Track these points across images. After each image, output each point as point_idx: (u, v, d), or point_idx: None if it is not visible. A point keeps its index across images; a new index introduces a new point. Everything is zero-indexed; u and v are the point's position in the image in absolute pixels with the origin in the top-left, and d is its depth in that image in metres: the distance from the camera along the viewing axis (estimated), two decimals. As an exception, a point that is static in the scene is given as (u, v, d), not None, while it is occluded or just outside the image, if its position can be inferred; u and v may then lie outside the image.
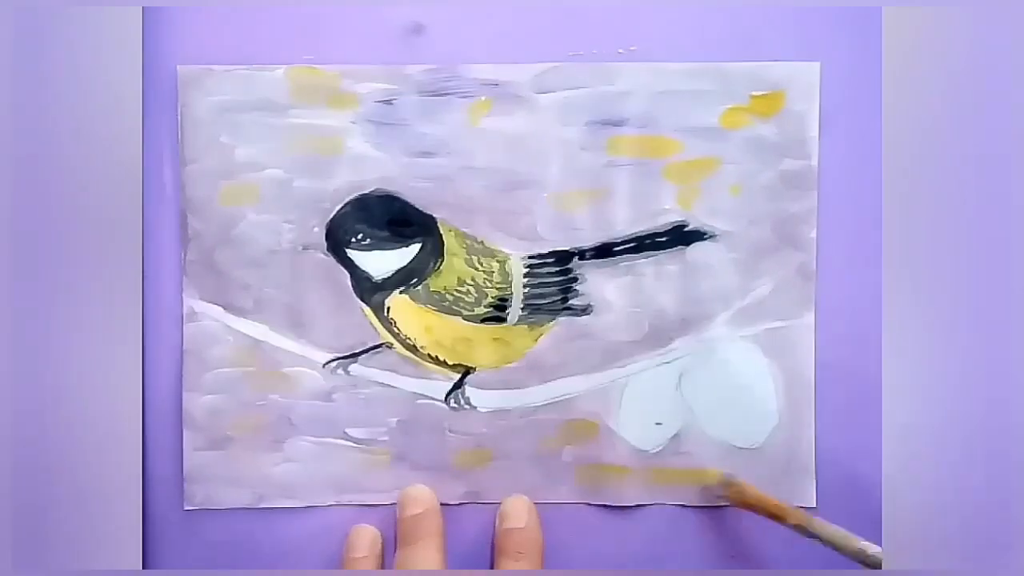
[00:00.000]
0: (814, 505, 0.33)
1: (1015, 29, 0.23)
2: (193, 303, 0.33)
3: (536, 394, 0.33)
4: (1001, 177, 0.24)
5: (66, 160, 0.28)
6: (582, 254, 0.33)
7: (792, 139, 0.33)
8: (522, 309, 0.33)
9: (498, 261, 0.33)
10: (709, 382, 0.33)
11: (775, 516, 0.31)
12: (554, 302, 0.33)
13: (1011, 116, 0.24)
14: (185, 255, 0.33)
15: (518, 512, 0.33)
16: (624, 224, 0.33)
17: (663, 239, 0.33)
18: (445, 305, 0.33)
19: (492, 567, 0.33)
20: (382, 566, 0.33)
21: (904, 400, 0.24)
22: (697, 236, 0.33)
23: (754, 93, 0.33)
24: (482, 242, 0.33)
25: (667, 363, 0.33)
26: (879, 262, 0.33)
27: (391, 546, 0.33)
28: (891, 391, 0.25)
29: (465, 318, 0.33)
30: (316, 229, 0.33)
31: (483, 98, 0.33)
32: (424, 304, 0.33)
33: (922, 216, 0.24)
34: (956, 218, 0.24)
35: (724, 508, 0.34)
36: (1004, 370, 0.24)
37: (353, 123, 0.33)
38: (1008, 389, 0.24)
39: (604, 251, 0.33)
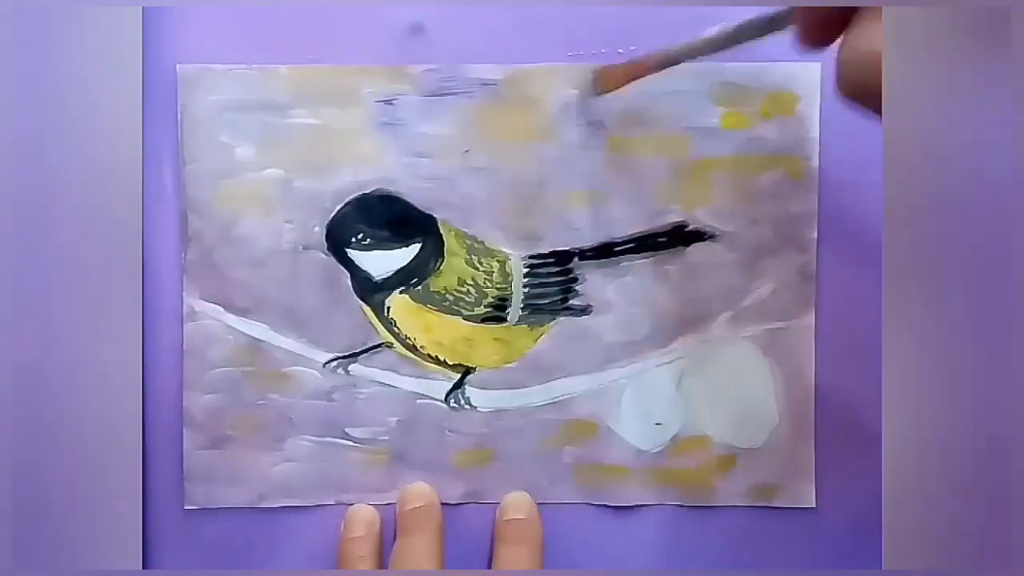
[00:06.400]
0: (814, 505, 0.33)
1: (1016, 28, 0.23)
2: (193, 302, 0.33)
3: (536, 394, 0.33)
4: (1002, 177, 0.24)
5: (66, 160, 0.28)
6: (582, 254, 0.33)
7: (793, 139, 0.33)
8: (522, 309, 0.33)
9: (498, 261, 0.33)
10: (709, 382, 0.33)
11: (641, 71, 0.30)
12: (554, 302, 0.33)
13: (1012, 115, 0.23)
14: (185, 255, 0.33)
15: (519, 504, 0.33)
16: (624, 224, 0.33)
17: (663, 239, 0.33)
18: (445, 305, 0.33)
19: (492, 562, 0.33)
20: (380, 547, 0.33)
21: (904, 400, 0.24)
22: (697, 236, 0.33)
23: (755, 94, 0.33)
24: (482, 242, 0.33)
25: (667, 363, 0.33)
26: (879, 262, 0.33)
27: (390, 533, 0.33)
28: (891, 391, 0.25)
29: (465, 318, 0.33)
30: (316, 229, 0.33)
31: (483, 98, 0.33)
32: (424, 304, 0.33)
33: (923, 216, 0.24)
34: (957, 218, 0.24)
35: (723, 508, 0.33)
36: (1005, 370, 0.24)
37: (353, 123, 0.33)
38: (1009, 389, 0.24)
39: (604, 251, 0.33)
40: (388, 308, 0.33)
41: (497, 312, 0.33)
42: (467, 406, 0.33)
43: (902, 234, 0.24)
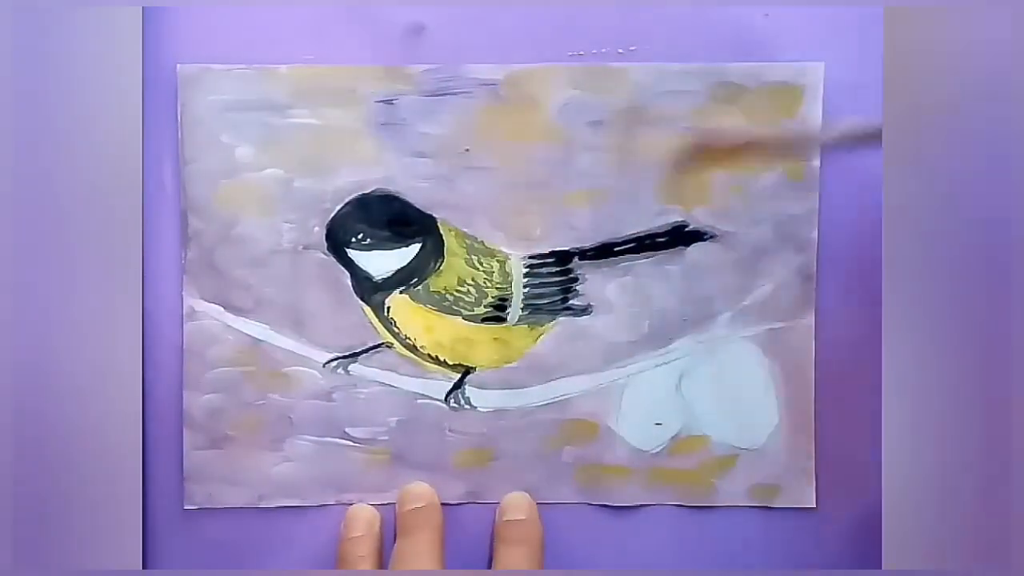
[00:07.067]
0: (814, 506, 0.33)
1: (1017, 28, 0.23)
2: (193, 302, 0.33)
3: (536, 394, 0.33)
4: (1002, 177, 0.24)
5: (66, 160, 0.28)
6: (582, 254, 0.33)
7: (793, 139, 0.33)
8: (522, 309, 0.33)
9: (498, 261, 0.33)
10: (709, 382, 0.33)
11: (746, 146, 0.31)
12: (554, 302, 0.33)
13: (1012, 114, 0.24)
14: (185, 255, 0.33)
15: (518, 504, 0.33)
16: (624, 224, 0.33)
17: (663, 239, 0.33)
18: (445, 305, 0.33)
19: (492, 562, 0.33)
20: (380, 547, 0.33)
21: (904, 400, 0.24)
22: (697, 236, 0.33)
23: (755, 94, 0.33)
24: (482, 242, 0.33)
25: (667, 363, 0.33)
26: (879, 263, 0.33)
27: (390, 533, 0.33)
28: (891, 391, 0.25)
29: (465, 318, 0.33)
30: (316, 229, 0.33)
31: (483, 98, 0.33)
32: (424, 304, 0.33)
33: (923, 217, 0.24)
34: (957, 218, 0.24)
35: (723, 508, 0.33)
36: (1004, 370, 0.24)
37: (353, 123, 0.33)
38: (1008, 389, 0.24)
39: (604, 251, 0.33)
40: (388, 308, 0.33)
41: (497, 312, 0.33)
42: (467, 406, 0.33)
43: (902, 234, 0.24)
